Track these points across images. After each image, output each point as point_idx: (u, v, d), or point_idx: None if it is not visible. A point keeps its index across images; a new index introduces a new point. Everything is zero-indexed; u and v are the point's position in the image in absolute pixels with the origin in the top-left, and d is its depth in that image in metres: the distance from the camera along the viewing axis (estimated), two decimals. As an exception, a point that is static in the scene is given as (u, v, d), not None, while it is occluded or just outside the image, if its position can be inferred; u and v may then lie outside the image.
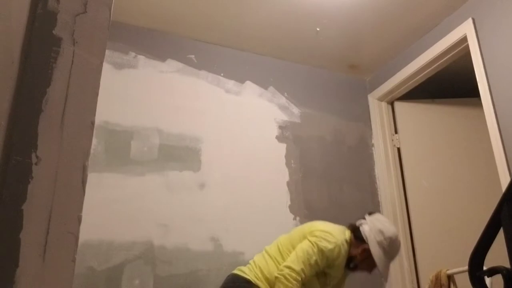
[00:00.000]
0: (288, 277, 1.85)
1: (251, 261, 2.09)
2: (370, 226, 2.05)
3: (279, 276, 1.87)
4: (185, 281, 2.36)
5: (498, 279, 1.16)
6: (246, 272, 2.00)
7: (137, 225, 2.36)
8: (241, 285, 1.96)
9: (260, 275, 1.97)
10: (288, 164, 2.87)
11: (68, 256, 0.70)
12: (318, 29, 2.87)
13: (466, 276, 1.21)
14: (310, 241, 1.96)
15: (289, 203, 2.76)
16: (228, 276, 2.06)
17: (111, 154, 2.45)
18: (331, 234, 2.00)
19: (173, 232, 2.42)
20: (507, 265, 1.12)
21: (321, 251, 1.93)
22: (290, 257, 1.92)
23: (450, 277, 2.31)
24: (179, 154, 2.61)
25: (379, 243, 2.00)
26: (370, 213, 2.17)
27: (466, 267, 1.21)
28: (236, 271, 2.04)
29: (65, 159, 0.73)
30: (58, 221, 0.70)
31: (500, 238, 1.17)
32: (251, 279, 1.96)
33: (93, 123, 0.78)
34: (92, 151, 1.34)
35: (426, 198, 2.98)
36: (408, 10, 2.71)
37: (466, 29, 2.59)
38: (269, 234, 2.62)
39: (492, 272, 1.14)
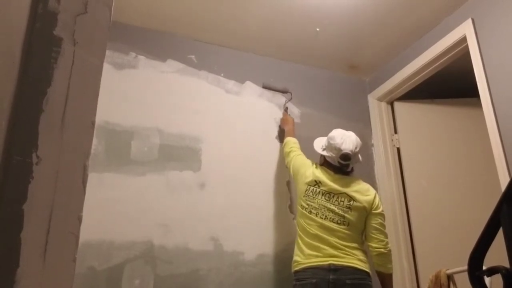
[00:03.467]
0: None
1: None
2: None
3: (388, 251, 2.31)
4: (185, 281, 2.36)
5: (498, 279, 1.16)
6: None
7: (138, 225, 2.36)
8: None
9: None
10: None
11: (68, 256, 0.70)
12: (318, 29, 2.87)
13: (465, 276, 1.21)
14: (382, 215, 2.36)
15: (289, 203, 2.76)
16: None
17: (111, 154, 2.45)
18: (375, 193, 2.41)
19: (173, 232, 2.42)
20: (507, 265, 1.12)
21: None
22: (381, 233, 2.32)
23: (449, 277, 2.31)
24: (179, 154, 2.61)
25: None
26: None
27: (465, 267, 1.21)
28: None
29: (65, 159, 0.73)
30: (59, 221, 0.70)
31: (500, 238, 1.17)
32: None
33: (93, 123, 0.78)
34: (92, 151, 1.34)
35: (426, 198, 2.98)
36: (408, 10, 2.71)
37: (465, 29, 2.59)
38: (269, 234, 2.63)
39: (491, 271, 1.14)
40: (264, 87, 3.02)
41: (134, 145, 2.53)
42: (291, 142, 2.70)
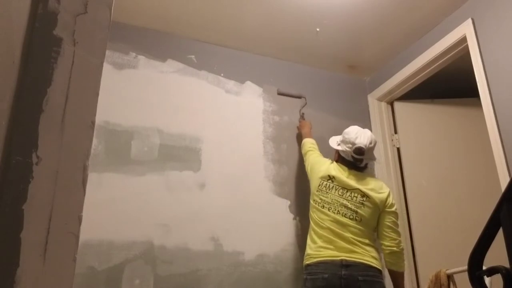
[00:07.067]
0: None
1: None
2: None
3: (401, 250, 2.32)
4: (185, 281, 2.36)
5: (498, 279, 1.16)
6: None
7: (137, 225, 2.36)
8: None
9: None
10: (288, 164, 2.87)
11: (68, 256, 0.70)
12: (318, 29, 2.87)
13: (465, 275, 1.21)
14: (395, 213, 2.38)
15: (289, 203, 2.76)
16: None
17: (111, 154, 2.45)
18: (389, 191, 2.43)
19: (173, 232, 2.42)
20: (507, 265, 1.12)
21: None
22: (394, 232, 2.34)
23: (449, 277, 2.32)
24: (179, 154, 2.61)
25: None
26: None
27: (465, 267, 1.21)
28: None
29: (65, 159, 0.73)
30: (59, 221, 0.70)
31: (500, 237, 1.17)
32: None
33: (93, 123, 0.78)
34: (92, 151, 1.34)
35: (426, 198, 2.98)
36: (408, 10, 2.71)
37: (465, 29, 2.59)
38: (269, 234, 2.63)
39: (491, 271, 1.14)
40: (279, 93, 3.03)
41: (134, 145, 2.53)
42: (308, 142, 2.74)
